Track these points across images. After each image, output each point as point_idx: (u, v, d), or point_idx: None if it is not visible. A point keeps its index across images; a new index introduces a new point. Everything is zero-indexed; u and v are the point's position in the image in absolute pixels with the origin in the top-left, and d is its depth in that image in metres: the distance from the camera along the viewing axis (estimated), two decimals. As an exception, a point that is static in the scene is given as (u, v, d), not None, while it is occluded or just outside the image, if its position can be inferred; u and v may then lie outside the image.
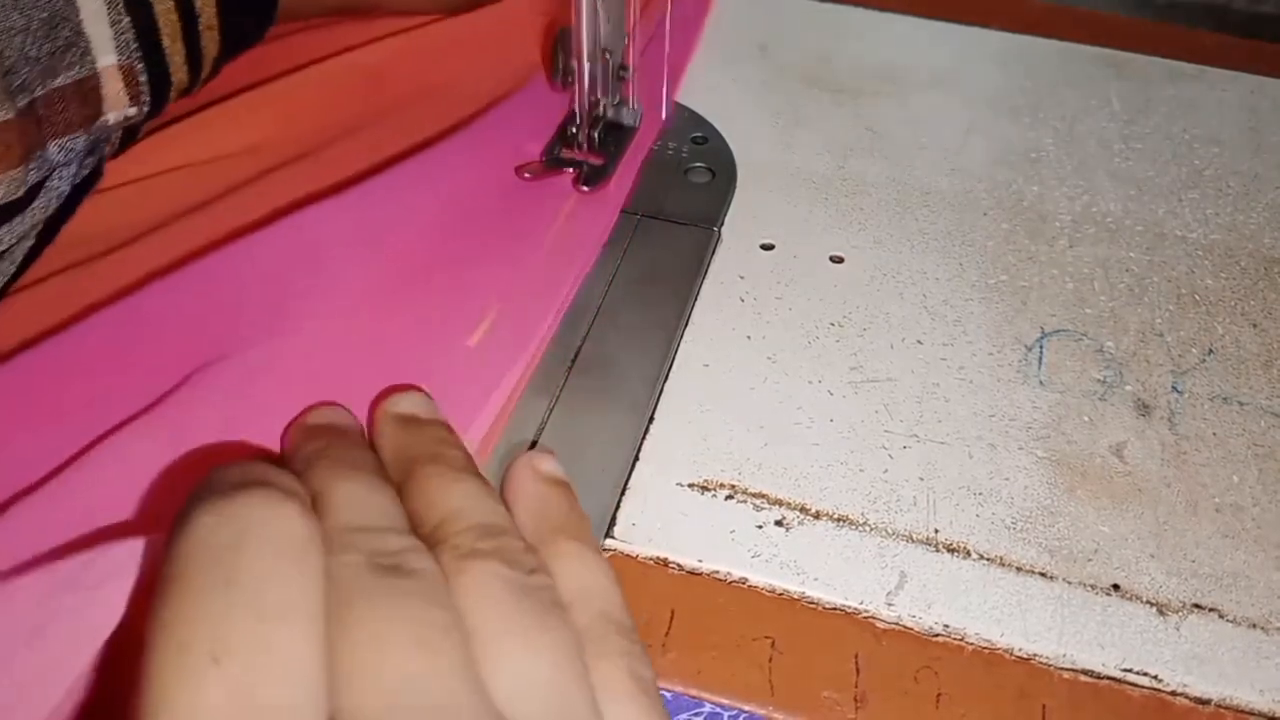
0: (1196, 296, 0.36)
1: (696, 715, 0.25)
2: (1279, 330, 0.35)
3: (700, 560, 0.27)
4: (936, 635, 0.26)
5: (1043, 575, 0.27)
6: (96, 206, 0.33)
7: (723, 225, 0.37)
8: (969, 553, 0.28)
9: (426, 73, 0.41)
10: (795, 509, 0.29)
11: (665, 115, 0.41)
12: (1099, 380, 0.33)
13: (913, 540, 0.28)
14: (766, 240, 0.37)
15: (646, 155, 0.40)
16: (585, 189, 0.37)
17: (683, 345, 0.33)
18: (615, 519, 0.28)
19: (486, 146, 0.38)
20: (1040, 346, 0.34)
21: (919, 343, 0.33)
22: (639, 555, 0.28)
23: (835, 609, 0.27)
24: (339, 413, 0.26)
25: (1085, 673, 0.26)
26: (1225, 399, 0.32)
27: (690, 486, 0.29)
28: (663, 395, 0.31)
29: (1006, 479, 0.30)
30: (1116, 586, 0.27)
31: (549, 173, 0.37)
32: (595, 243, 0.36)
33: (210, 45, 0.34)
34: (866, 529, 0.28)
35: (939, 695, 0.25)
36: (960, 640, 0.26)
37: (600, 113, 0.38)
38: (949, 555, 0.28)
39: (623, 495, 0.29)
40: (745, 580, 0.27)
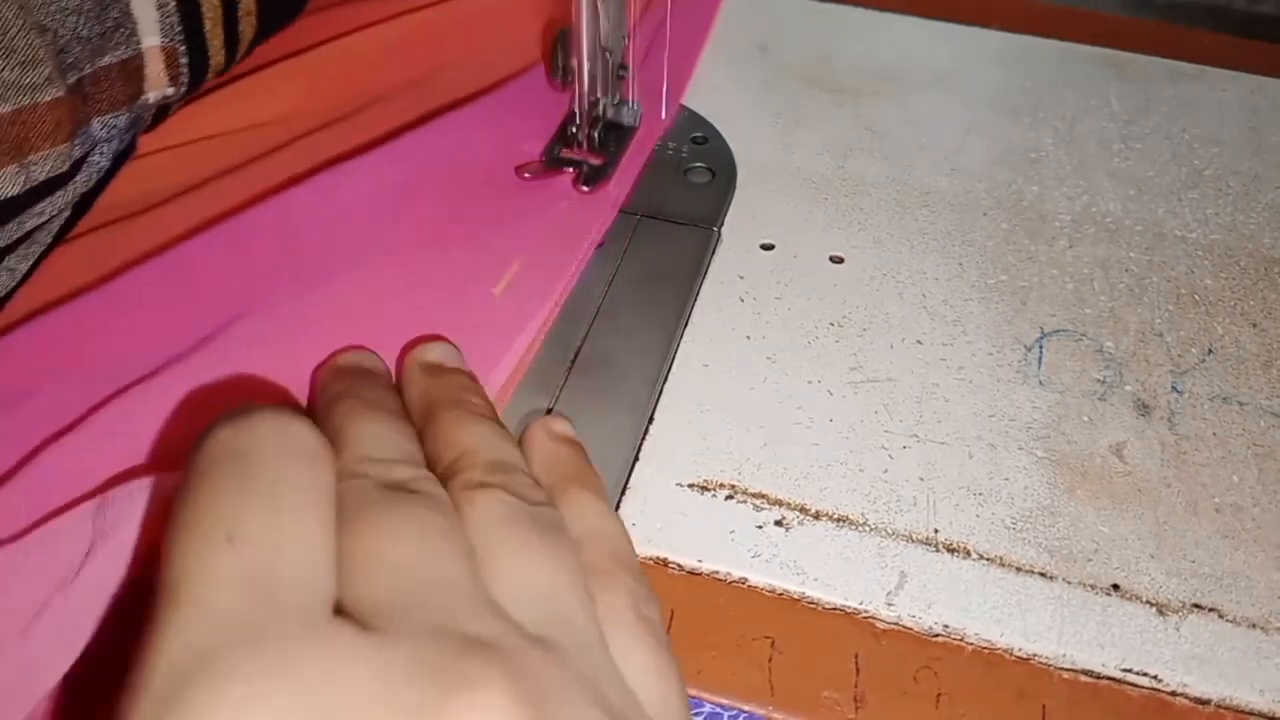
0: (1196, 296, 0.36)
1: (696, 715, 0.25)
2: (1279, 330, 0.35)
3: (700, 560, 0.27)
4: (936, 635, 0.26)
5: (1043, 575, 0.27)
6: (132, 173, 0.35)
7: (723, 225, 0.37)
8: (969, 553, 0.28)
9: (448, 46, 0.43)
10: (795, 509, 0.29)
11: (667, 115, 0.41)
12: (1099, 380, 0.33)
13: (913, 540, 0.28)
14: (766, 240, 0.37)
15: (649, 155, 0.40)
16: (585, 189, 0.37)
17: (683, 345, 0.33)
18: (615, 519, 0.28)
19: (508, 112, 0.40)
20: (1040, 346, 0.34)
21: (919, 343, 0.33)
22: (639, 555, 0.28)
23: (835, 609, 0.27)
24: (366, 356, 0.27)
25: (1085, 673, 0.26)
26: (1225, 399, 0.32)
27: (690, 486, 0.29)
28: (663, 395, 0.31)
29: (1006, 479, 0.30)
30: (1116, 586, 0.27)
31: (549, 173, 0.37)
32: (614, 202, 0.37)
33: (247, 29, 0.36)
34: (866, 529, 0.28)
35: (939, 695, 0.25)
36: (960, 640, 0.26)
37: (600, 113, 0.38)
38: (949, 555, 0.28)
39: (622, 495, 0.29)
40: (745, 580, 0.27)
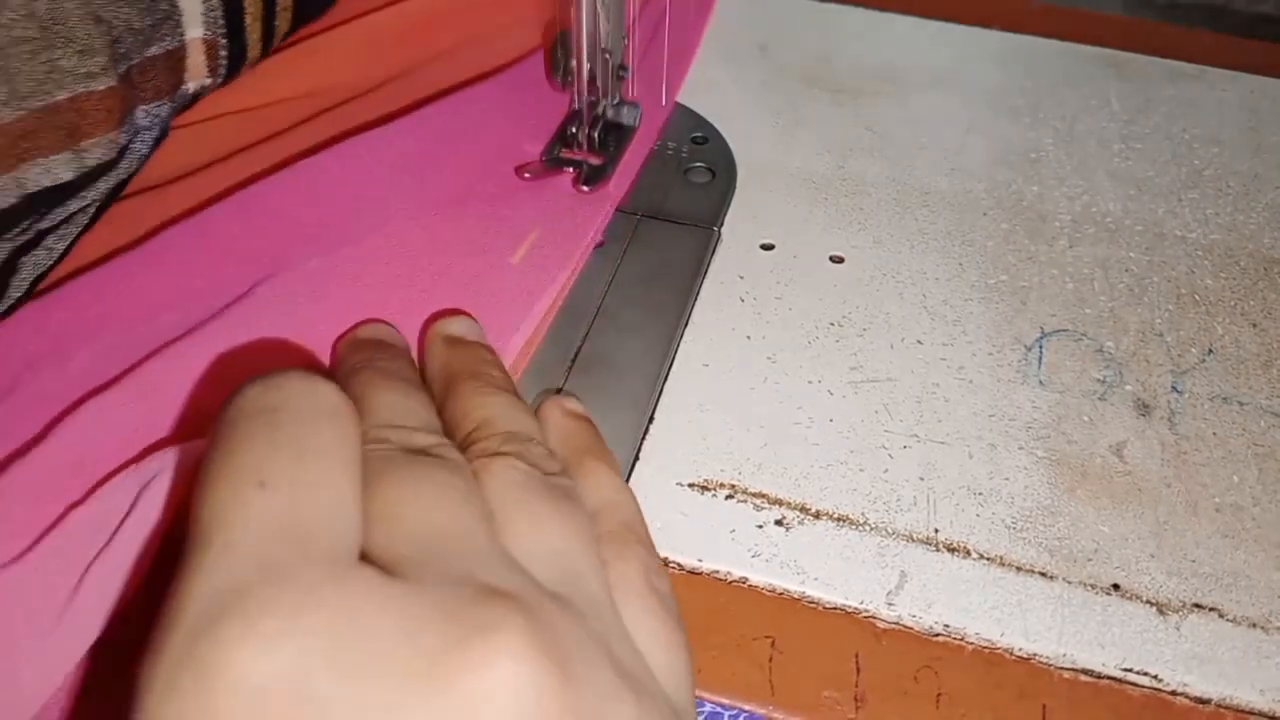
0: (1196, 296, 0.36)
1: (697, 715, 0.25)
2: (1279, 330, 0.35)
3: (700, 560, 0.27)
4: (936, 635, 0.26)
5: (1043, 575, 0.27)
6: (164, 147, 0.36)
7: (723, 225, 0.37)
8: (969, 553, 0.28)
9: (468, 23, 0.44)
10: (795, 509, 0.29)
11: (666, 115, 0.41)
12: (1099, 380, 0.33)
13: (913, 540, 0.28)
14: (766, 240, 0.37)
15: (648, 155, 0.40)
16: (585, 189, 0.37)
17: (683, 345, 0.33)
18: (615, 519, 0.28)
19: (525, 89, 0.41)
20: (1040, 346, 0.34)
21: (919, 343, 0.33)
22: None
23: (835, 609, 0.27)
24: (386, 329, 0.28)
25: (1085, 672, 0.26)
26: (1225, 399, 0.32)
27: (690, 486, 0.29)
28: (663, 395, 0.31)
29: (1006, 479, 0.30)
30: (1116, 586, 0.27)
31: (549, 172, 0.37)
32: (629, 173, 0.38)
33: (283, 24, 0.37)
34: (866, 529, 0.28)
35: (939, 695, 0.25)
36: (960, 640, 0.26)
37: (600, 113, 0.38)
38: (949, 555, 0.28)
39: (623, 495, 0.29)
40: (745, 580, 0.27)
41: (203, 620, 0.15)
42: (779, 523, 0.28)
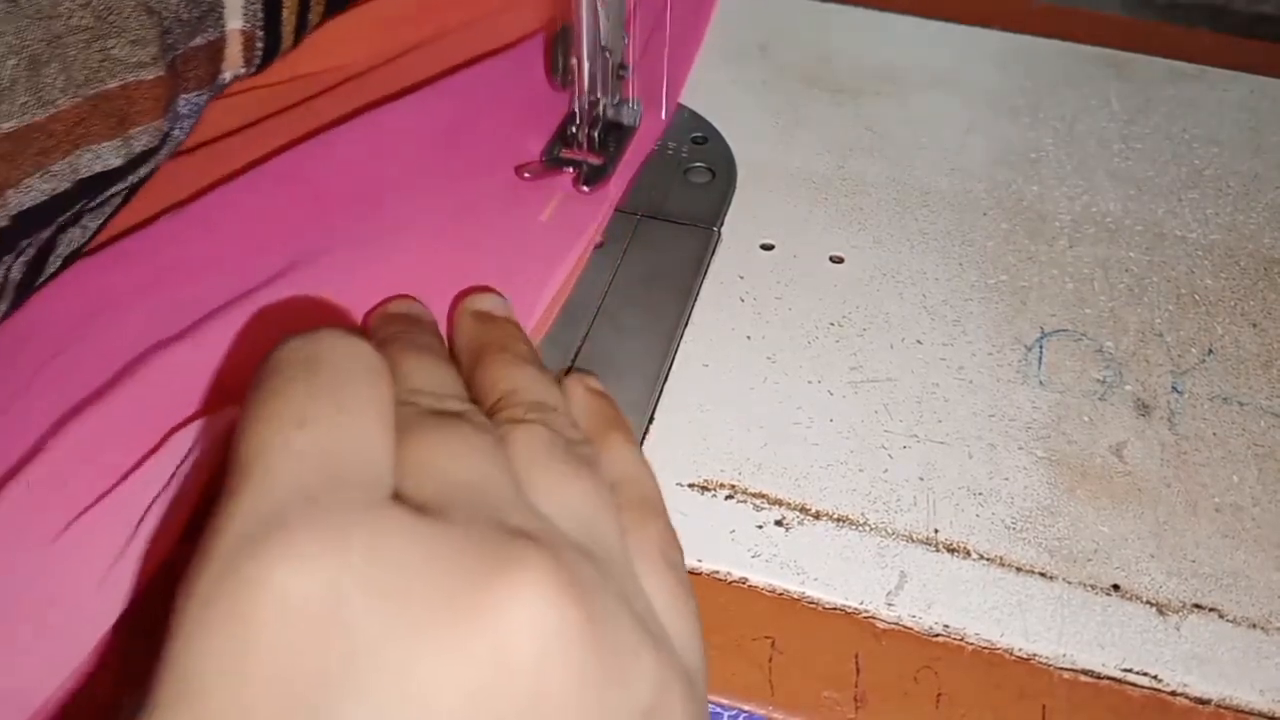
0: (1196, 296, 0.36)
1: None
2: (1279, 330, 0.35)
3: (700, 560, 0.27)
4: (936, 635, 0.26)
5: (1043, 575, 0.27)
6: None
7: (723, 225, 0.37)
8: (969, 553, 0.28)
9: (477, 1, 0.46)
10: (795, 509, 0.29)
11: (666, 115, 0.41)
12: (1099, 380, 0.33)
13: (913, 540, 0.28)
14: (766, 240, 0.37)
15: (648, 154, 0.40)
16: (585, 189, 0.37)
17: (683, 345, 0.33)
18: (615, 519, 0.28)
19: (541, 66, 0.42)
20: (1040, 346, 0.34)
21: (919, 343, 0.33)
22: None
23: (835, 609, 0.27)
24: (415, 305, 0.29)
25: (1085, 673, 0.26)
26: (1225, 399, 0.32)
27: (690, 486, 0.29)
28: (663, 395, 0.31)
29: (1006, 479, 0.30)
30: (1116, 586, 0.27)
31: (549, 172, 0.37)
32: (642, 148, 0.40)
33: (315, 16, 0.38)
34: (866, 529, 0.28)
35: (939, 695, 0.25)
36: (960, 640, 0.26)
37: (600, 112, 0.38)
38: (949, 555, 0.28)
39: (623, 495, 0.29)
40: (745, 580, 0.27)
41: (244, 539, 0.16)
42: (779, 523, 0.28)
